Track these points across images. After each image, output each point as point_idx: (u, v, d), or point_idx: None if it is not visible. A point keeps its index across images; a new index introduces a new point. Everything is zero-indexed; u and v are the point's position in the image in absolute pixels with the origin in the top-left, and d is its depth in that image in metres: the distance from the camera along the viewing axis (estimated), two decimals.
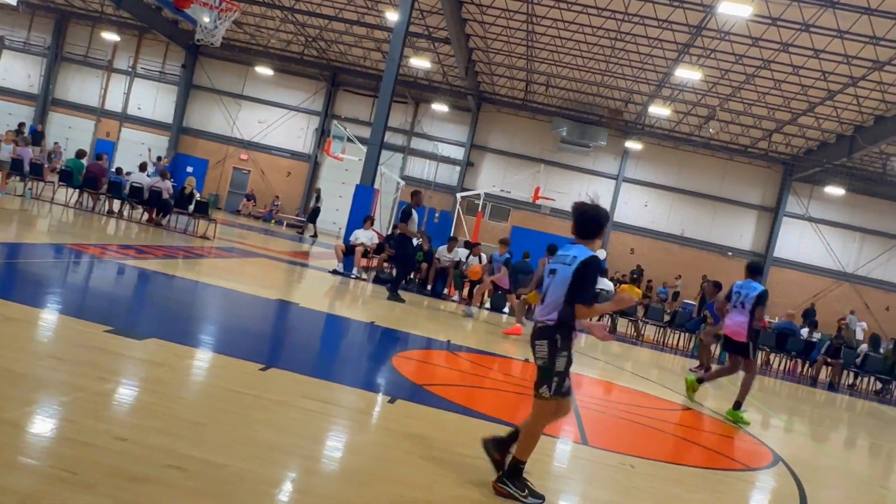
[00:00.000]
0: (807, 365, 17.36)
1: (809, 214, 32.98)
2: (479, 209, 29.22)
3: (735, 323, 8.71)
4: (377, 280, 16.54)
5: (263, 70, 34.27)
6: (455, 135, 34.78)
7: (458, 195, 30.06)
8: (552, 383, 4.20)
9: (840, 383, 16.82)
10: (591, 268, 4.21)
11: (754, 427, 8.60)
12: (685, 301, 28.87)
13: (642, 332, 17.79)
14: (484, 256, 16.86)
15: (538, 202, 30.02)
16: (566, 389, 4.24)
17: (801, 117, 27.39)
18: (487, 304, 17.20)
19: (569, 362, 4.23)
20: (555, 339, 4.21)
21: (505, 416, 6.33)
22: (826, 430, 11.05)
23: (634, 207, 33.61)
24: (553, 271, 4.34)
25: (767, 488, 6.30)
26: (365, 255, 16.58)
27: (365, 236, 16.82)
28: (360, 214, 17.57)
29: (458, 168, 34.53)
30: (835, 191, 31.26)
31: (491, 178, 33.55)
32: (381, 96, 18.46)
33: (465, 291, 17.17)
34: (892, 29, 18.59)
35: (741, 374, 8.90)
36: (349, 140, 28.03)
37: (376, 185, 19.54)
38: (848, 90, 23.46)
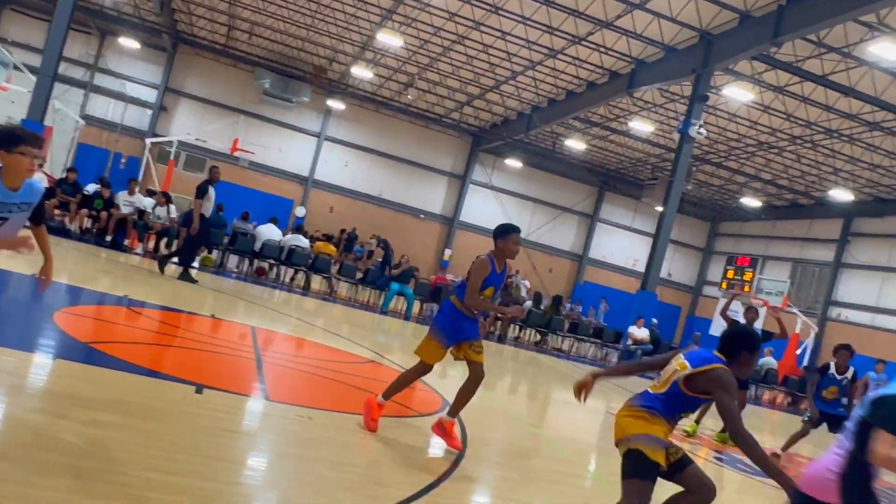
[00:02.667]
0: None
1: (492, 183, 36.11)
2: (172, 157, 27.37)
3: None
4: (51, 231, 14.73)
5: None
6: (147, 75, 32.02)
7: (149, 141, 27.91)
8: None
9: (506, 336, 18.77)
10: None
11: (430, 377, 9.24)
12: (378, 261, 30.08)
13: (335, 288, 18.16)
14: (173, 207, 15.87)
15: (236, 154, 29.00)
16: None
17: (489, 93, 29.71)
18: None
19: None
20: None
21: (175, 371, 6.07)
22: (492, 378, 12.23)
23: (335, 166, 33.94)
24: None
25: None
26: None
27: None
28: None
29: (149, 111, 31.90)
30: (514, 163, 34.64)
31: (186, 125, 31.54)
32: (55, 21, 16.38)
33: (151, 244, 16.04)
34: (566, 21, 20.85)
35: None
36: (16, 68, 24.38)
37: (48, 122, 17.36)
38: (528, 72, 25.92)
